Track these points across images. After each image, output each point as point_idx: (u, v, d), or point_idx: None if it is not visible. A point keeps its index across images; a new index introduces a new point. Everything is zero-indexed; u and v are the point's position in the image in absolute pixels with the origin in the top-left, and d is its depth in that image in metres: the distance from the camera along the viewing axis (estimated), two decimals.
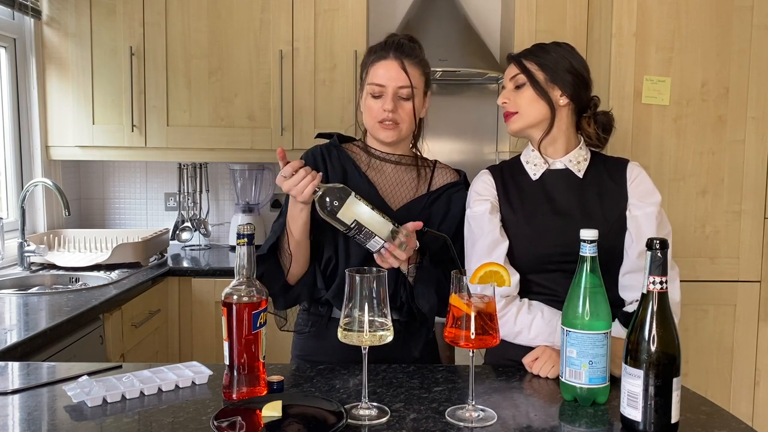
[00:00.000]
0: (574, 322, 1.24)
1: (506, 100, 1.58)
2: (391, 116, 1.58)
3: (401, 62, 1.58)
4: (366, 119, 1.64)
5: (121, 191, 3.35)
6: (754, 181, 2.58)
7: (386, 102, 1.58)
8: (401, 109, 1.59)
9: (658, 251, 1.11)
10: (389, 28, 3.08)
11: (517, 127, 1.58)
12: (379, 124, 1.60)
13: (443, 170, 1.72)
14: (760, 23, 2.54)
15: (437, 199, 1.66)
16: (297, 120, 2.92)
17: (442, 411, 1.20)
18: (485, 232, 1.53)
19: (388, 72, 1.58)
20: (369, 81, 1.60)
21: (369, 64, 1.62)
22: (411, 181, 1.67)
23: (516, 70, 1.57)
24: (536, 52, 1.57)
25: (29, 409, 1.21)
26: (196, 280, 2.72)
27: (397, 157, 1.67)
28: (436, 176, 1.70)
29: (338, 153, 1.67)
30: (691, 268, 2.56)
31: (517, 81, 1.57)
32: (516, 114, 1.57)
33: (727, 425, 1.17)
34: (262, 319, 1.26)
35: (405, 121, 1.60)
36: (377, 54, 1.61)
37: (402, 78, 1.58)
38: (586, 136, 1.60)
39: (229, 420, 1.13)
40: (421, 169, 1.69)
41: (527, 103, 1.55)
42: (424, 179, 1.68)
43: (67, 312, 1.95)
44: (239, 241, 1.25)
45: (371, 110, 1.60)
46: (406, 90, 1.58)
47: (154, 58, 2.88)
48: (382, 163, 1.67)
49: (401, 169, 1.68)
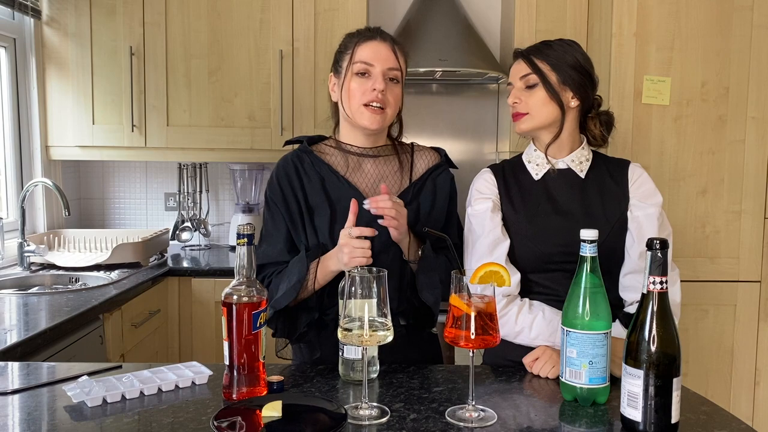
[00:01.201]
0: (574, 322, 1.24)
1: (517, 100, 1.54)
2: (381, 97, 1.48)
3: (391, 45, 1.52)
4: (348, 104, 1.52)
5: (121, 191, 3.35)
6: (754, 181, 2.58)
7: (377, 81, 1.48)
8: (390, 92, 1.51)
9: (658, 251, 1.11)
10: (389, 28, 3.05)
11: (526, 128, 1.55)
12: (364, 108, 1.50)
13: (422, 153, 1.65)
14: (760, 23, 2.54)
15: (422, 188, 1.60)
16: (297, 120, 2.91)
17: (442, 411, 1.20)
18: (486, 231, 1.53)
19: (377, 52, 1.50)
20: (356, 60, 1.50)
21: (354, 45, 1.52)
22: (393, 174, 1.60)
23: (527, 69, 1.53)
24: (546, 51, 1.53)
25: (29, 409, 1.21)
26: (196, 280, 2.71)
27: (375, 150, 1.59)
28: (417, 161, 1.63)
29: (311, 159, 1.57)
30: (691, 268, 2.56)
31: (528, 81, 1.53)
32: (527, 115, 1.54)
33: (727, 425, 1.17)
34: (262, 319, 1.26)
35: (392, 107, 1.52)
36: (363, 35, 1.53)
37: (392, 59, 1.51)
38: (591, 137, 1.60)
39: (229, 420, 1.13)
40: (402, 157, 1.61)
41: (539, 104, 1.52)
42: (406, 168, 1.60)
43: (67, 312, 1.95)
44: (239, 241, 1.25)
45: (355, 92, 1.50)
46: (396, 72, 1.51)
47: (154, 58, 2.88)
48: (360, 160, 1.58)
49: (380, 162, 1.59)
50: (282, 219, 1.57)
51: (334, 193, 1.55)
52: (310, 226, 1.55)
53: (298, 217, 1.56)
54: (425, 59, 2.79)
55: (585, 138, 1.60)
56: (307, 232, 1.55)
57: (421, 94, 3.28)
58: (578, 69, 1.52)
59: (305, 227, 1.56)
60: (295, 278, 1.48)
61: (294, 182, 1.55)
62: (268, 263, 1.56)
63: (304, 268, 1.48)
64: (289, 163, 1.58)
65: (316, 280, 1.49)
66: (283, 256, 1.55)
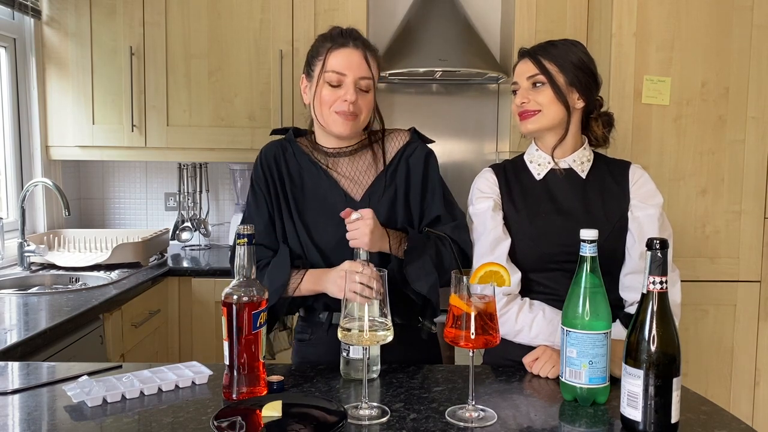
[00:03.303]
0: (574, 322, 1.24)
1: (525, 99, 1.53)
2: (352, 108, 1.50)
3: (363, 52, 1.52)
4: (320, 110, 1.53)
5: (121, 191, 3.35)
6: (754, 181, 2.58)
7: (348, 93, 1.49)
8: (361, 100, 1.52)
9: (658, 251, 1.11)
10: (389, 28, 3.08)
11: (533, 128, 1.54)
12: (336, 115, 1.51)
13: (392, 136, 1.64)
14: (760, 23, 2.54)
15: (395, 171, 1.59)
16: (297, 120, 2.91)
17: (442, 411, 1.20)
18: (488, 230, 1.53)
19: (349, 61, 1.50)
20: (328, 69, 1.51)
21: (326, 52, 1.52)
22: (368, 164, 1.60)
23: (534, 69, 1.52)
24: (553, 51, 1.52)
25: (29, 409, 1.21)
26: (196, 280, 2.71)
27: (349, 148, 1.60)
28: (387, 146, 1.62)
29: (293, 149, 1.61)
30: (691, 268, 2.56)
31: (536, 80, 1.52)
32: (537, 114, 1.52)
33: (727, 425, 1.17)
34: (262, 319, 1.26)
35: (363, 113, 1.54)
36: (336, 41, 1.53)
37: (364, 68, 1.51)
38: (594, 137, 1.60)
39: (229, 420, 1.13)
40: (374, 146, 1.61)
41: (547, 103, 1.51)
42: (379, 156, 1.60)
43: (67, 312, 1.95)
44: (239, 241, 1.25)
45: (326, 100, 1.51)
46: (367, 81, 1.52)
47: (154, 58, 2.88)
48: (335, 159, 1.60)
49: (355, 157, 1.60)
50: (264, 202, 1.60)
51: (311, 184, 1.58)
52: (287, 211, 1.59)
53: (275, 201, 1.59)
54: (425, 59, 2.79)
55: (587, 138, 1.60)
56: (284, 216, 1.58)
57: (421, 94, 3.28)
58: (584, 70, 1.52)
59: (281, 212, 1.59)
60: (277, 284, 1.50)
61: (273, 169, 1.59)
62: None
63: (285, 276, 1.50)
64: (272, 149, 1.63)
65: (299, 289, 1.51)
66: (262, 238, 1.57)
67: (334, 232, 1.52)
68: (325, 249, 1.55)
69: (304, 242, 1.56)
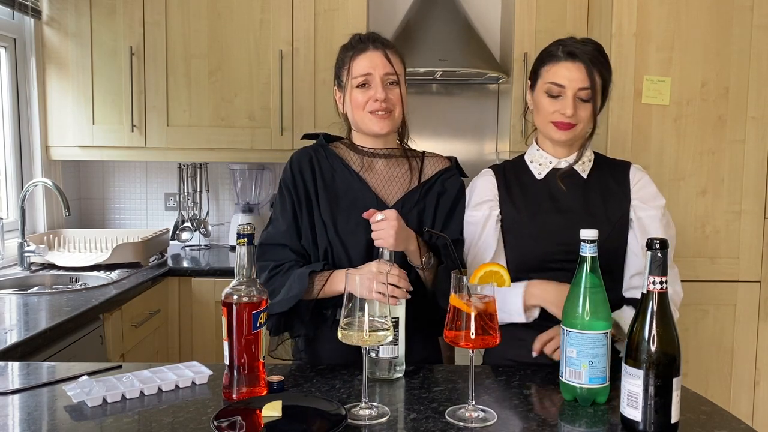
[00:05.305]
0: (574, 322, 1.24)
1: (572, 111, 1.48)
2: (384, 105, 1.56)
3: (383, 51, 1.58)
4: (355, 115, 1.60)
5: (121, 191, 3.35)
6: (754, 181, 2.58)
7: (377, 91, 1.56)
8: (391, 94, 1.58)
9: (658, 251, 1.11)
10: (389, 28, 3.08)
11: (567, 138, 1.53)
12: (371, 115, 1.58)
13: (433, 159, 1.70)
14: (760, 23, 2.54)
15: (430, 188, 1.64)
16: (297, 120, 2.91)
17: (442, 411, 1.20)
18: (481, 239, 1.56)
19: (372, 61, 1.57)
20: (354, 74, 1.58)
21: (350, 59, 1.60)
22: (403, 175, 1.65)
23: (587, 81, 1.47)
24: (605, 63, 1.50)
25: (29, 409, 1.21)
26: (196, 280, 2.71)
27: (387, 150, 1.65)
28: (427, 166, 1.68)
29: (326, 152, 1.66)
30: (691, 268, 2.56)
31: (587, 94, 1.48)
32: (577, 126, 1.51)
33: (727, 425, 1.17)
34: (262, 319, 1.26)
35: (397, 107, 1.59)
36: (356, 48, 1.60)
37: (387, 65, 1.57)
38: None
39: (229, 420, 1.13)
40: (412, 161, 1.67)
41: (586, 119, 1.51)
42: (416, 171, 1.66)
43: (67, 312, 1.95)
44: (239, 241, 1.25)
45: (358, 103, 1.58)
46: (393, 76, 1.58)
47: (154, 58, 2.88)
48: (372, 160, 1.65)
49: (392, 163, 1.65)
50: (290, 203, 1.62)
51: (343, 185, 1.61)
52: (317, 211, 1.60)
53: (306, 203, 1.61)
54: (425, 59, 2.79)
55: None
56: (314, 217, 1.60)
57: (421, 94, 3.28)
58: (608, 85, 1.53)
59: (312, 214, 1.61)
60: (294, 292, 1.50)
61: (306, 170, 1.62)
62: (269, 243, 1.61)
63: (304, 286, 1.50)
64: (305, 153, 1.66)
65: (322, 291, 1.52)
66: (284, 238, 1.60)
67: (364, 234, 1.54)
68: (353, 250, 1.57)
69: (333, 242, 1.58)
